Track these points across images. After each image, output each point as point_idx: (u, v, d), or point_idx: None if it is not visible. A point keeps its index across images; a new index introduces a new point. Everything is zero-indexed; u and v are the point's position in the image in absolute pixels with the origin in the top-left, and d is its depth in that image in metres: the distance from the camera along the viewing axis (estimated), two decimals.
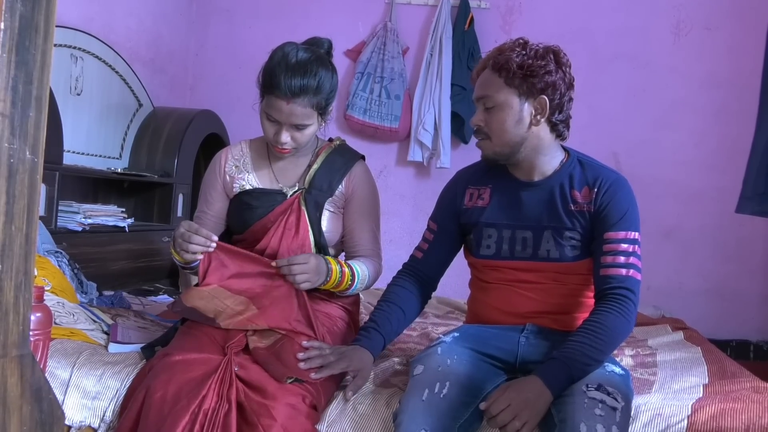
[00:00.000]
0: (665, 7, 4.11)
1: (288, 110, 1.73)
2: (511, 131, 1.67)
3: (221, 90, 4.49)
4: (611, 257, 1.60)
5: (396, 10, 4.32)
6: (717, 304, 4.01)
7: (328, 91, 1.79)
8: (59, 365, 1.70)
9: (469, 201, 1.80)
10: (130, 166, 3.69)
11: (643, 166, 4.06)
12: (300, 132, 1.78)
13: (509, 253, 1.72)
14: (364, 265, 1.87)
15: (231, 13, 4.55)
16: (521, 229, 1.72)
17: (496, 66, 1.67)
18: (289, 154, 1.84)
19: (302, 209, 1.85)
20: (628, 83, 4.14)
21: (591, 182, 1.69)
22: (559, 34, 4.16)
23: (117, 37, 3.65)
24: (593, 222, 1.66)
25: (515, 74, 1.64)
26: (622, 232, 1.63)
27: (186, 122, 3.78)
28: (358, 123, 4.22)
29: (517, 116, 1.66)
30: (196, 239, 1.69)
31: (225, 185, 1.91)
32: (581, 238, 1.68)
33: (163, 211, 3.70)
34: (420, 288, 1.83)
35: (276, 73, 1.73)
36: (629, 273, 1.58)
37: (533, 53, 1.66)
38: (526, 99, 1.66)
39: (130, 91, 3.73)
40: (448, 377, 1.52)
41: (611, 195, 1.66)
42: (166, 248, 3.59)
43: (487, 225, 1.75)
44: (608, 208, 1.65)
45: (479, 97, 1.71)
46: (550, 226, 1.69)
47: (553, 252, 1.68)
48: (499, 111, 1.67)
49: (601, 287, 1.60)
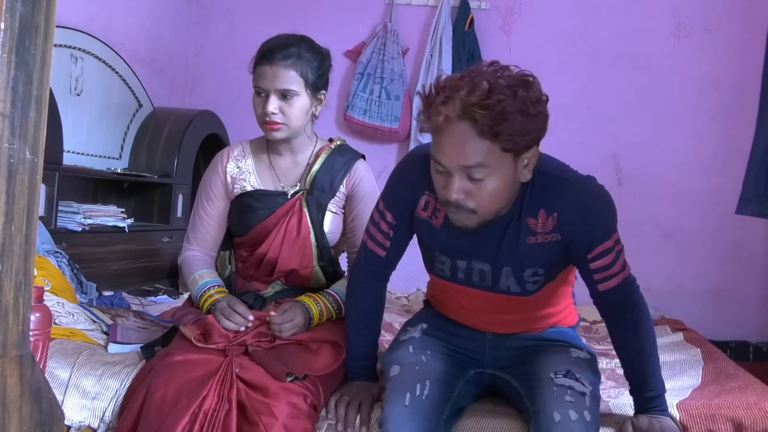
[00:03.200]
0: (665, 8, 4.12)
1: (271, 74, 1.75)
2: (506, 194, 1.41)
3: (221, 91, 4.49)
4: (604, 273, 1.50)
5: (396, 11, 4.32)
6: (716, 305, 4.01)
7: (315, 64, 1.80)
8: (59, 365, 1.70)
9: (424, 210, 1.57)
10: (129, 167, 3.69)
11: (643, 167, 4.07)
12: (287, 103, 1.77)
13: (466, 281, 1.58)
14: None
15: (231, 13, 4.55)
16: (478, 260, 1.53)
17: (489, 133, 1.32)
18: (280, 132, 1.79)
19: (304, 211, 1.85)
20: (628, 84, 4.14)
21: (546, 205, 1.46)
22: (559, 35, 4.19)
23: (117, 37, 3.65)
24: (566, 249, 1.50)
25: (509, 139, 1.33)
26: (600, 246, 1.47)
27: (186, 123, 3.78)
28: (358, 123, 4.22)
29: (512, 176, 1.39)
30: (235, 318, 1.68)
31: (226, 185, 1.90)
32: (545, 271, 1.52)
33: (162, 211, 3.69)
34: (384, 284, 1.74)
35: (263, 47, 1.80)
36: (624, 275, 1.52)
37: (521, 105, 1.33)
38: (521, 155, 1.38)
39: (130, 92, 3.73)
40: (427, 375, 1.51)
41: (575, 217, 1.45)
42: (165, 248, 3.59)
43: (441, 251, 1.58)
44: (579, 234, 1.46)
45: (467, 167, 1.35)
46: (508, 264, 1.51)
47: (514, 287, 1.54)
48: (493, 180, 1.37)
49: (606, 301, 1.54)
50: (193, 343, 1.63)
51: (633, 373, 1.55)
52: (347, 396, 1.62)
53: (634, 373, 1.55)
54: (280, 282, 1.88)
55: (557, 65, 4.13)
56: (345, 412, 1.58)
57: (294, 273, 1.85)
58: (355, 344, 1.71)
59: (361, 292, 1.72)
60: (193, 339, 1.63)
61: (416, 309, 2.92)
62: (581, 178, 1.51)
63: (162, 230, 3.62)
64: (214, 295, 1.78)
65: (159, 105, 3.98)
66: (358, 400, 1.60)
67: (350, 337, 1.72)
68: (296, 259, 1.84)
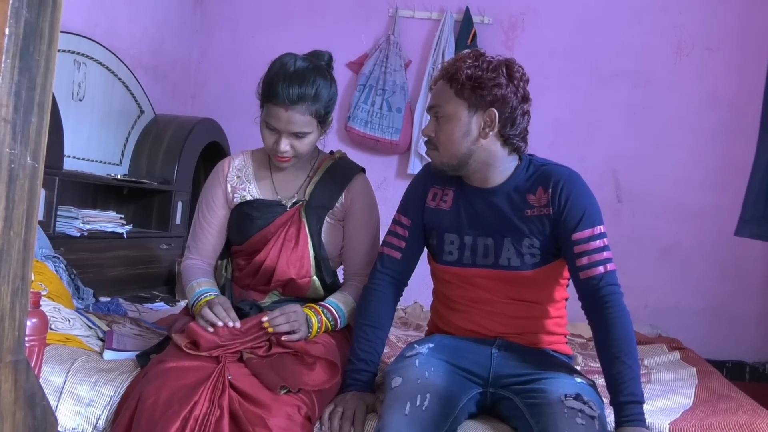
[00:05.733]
0: (667, 26, 4.14)
1: (286, 118, 1.74)
2: (458, 143, 1.65)
3: (223, 99, 4.50)
4: (586, 258, 1.61)
5: (399, 24, 4.34)
6: (713, 324, 4.01)
7: (327, 99, 1.79)
8: (53, 371, 1.69)
9: (432, 201, 1.78)
10: (129, 173, 3.69)
11: (642, 184, 4.08)
12: (299, 140, 1.78)
13: (471, 260, 1.71)
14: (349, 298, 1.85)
15: (234, 22, 4.56)
16: (483, 236, 1.71)
17: (448, 76, 1.67)
18: (289, 163, 1.83)
19: (303, 221, 1.85)
20: (629, 101, 4.16)
21: (544, 183, 1.67)
22: (561, 50, 4.21)
23: (120, 43, 3.66)
24: (555, 225, 1.65)
25: (464, 85, 1.63)
26: (588, 230, 1.62)
27: (187, 130, 3.78)
28: (358, 135, 4.23)
29: (464, 128, 1.65)
30: (218, 311, 1.68)
31: (227, 195, 1.91)
32: (540, 244, 1.67)
33: (161, 218, 3.69)
34: (397, 293, 1.83)
35: (274, 82, 1.75)
36: (607, 268, 1.60)
37: (485, 65, 1.64)
38: (475, 111, 1.64)
39: (132, 98, 3.74)
40: (428, 389, 1.52)
41: (567, 193, 1.64)
42: (163, 255, 3.59)
43: (450, 230, 1.74)
44: (567, 208, 1.63)
45: (431, 106, 1.71)
46: (509, 234, 1.68)
47: (514, 260, 1.68)
48: (447, 122, 1.66)
49: (587, 290, 1.61)
50: (185, 351, 1.63)
51: (609, 378, 1.55)
52: (341, 407, 1.61)
53: (611, 378, 1.54)
54: (277, 291, 1.88)
55: (559, 80, 4.16)
56: (339, 424, 1.57)
57: (291, 282, 1.85)
58: (358, 350, 1.72)
59: (373, 296, 1.77)
60: (183, 347, 1.63)
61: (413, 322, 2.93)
62: (573, 170, 1.73)
63: (160, 237, 3.62)
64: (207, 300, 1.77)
65: (161, 112, 3.99)
66: (352, 411, 1.60)
67: (354, 342, 1.73)
68: (294, 268, 1.84)
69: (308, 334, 1.73)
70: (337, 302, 1.83)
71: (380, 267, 1.81)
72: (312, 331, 1.75)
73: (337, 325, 1.81)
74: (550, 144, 3.89)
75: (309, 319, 1.75)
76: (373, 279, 1.80)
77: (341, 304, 1.83)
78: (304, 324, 1.72)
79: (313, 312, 1.77)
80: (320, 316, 1.77)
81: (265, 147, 1.83)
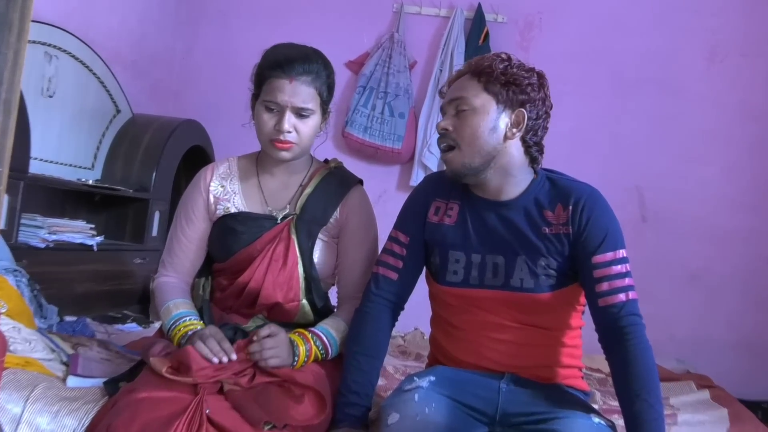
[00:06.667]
0: (699, 30, 4.15)
1: (291, 90, 1.77)
2: (483, 139, 1.66)
3: (209, 98, 4.51)
4: (607, 284, 1.62)
5: (404, 20, 4.36)
6: (747, 359, 3.98)
7: (329, 81, 1.85)
8: (11, 399, 1.67)
9: (435, 215, 1.79)
10: (102, 178, 3.69)
11: (669, 202, 4.08)
12: (303, 122, 1.80)
13: (478, 281, 1.71)
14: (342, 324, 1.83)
15: (224, 14, 4.58)
16: (493, 253, 1.71)
17: (477, 70, 1.69)
18: (290, 153, 1.82)
19: (292, 238, 1.85)
20: (655, 110, 4.16)
21: (563, 200, 1.69)
22: (582, 53, 4.22)
23: (97, 35, 3.67)
24: (574, 246, 1.66)
25: (497, 79, 1.66)
26: (609, 253, 1.63)
27: (167, 132, 3.78)
28: (357, 142, 4.23)
29: (492, 124, 1.66)
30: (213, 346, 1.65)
31: (208, 206, 1.90)
32: (557, 266, 1.67)
33: (136, 229, 3.68)
34: (393, 318, 1.82)
35: (277, 57, 1.80)
36: (629, 296, 1.61)
37: (518, 64, 1.70)
38: (504, 108, 1.67)
39: (108, 96, 3.74)
40: (428, 427, 1.52)
41: (589, 212, 1.66)
42: (137, 271, 3.57)
43: (455, 248, 1.74)
44: (589, 229, 1.65)
45: (452, 99, 1.71)
46: (523, 251, 1.68)
47: (527, 281, 1.68)
48: (473, 115, 1.67)
49: (605, 320, 1.62)
50: (160, 380, 1.60)
51: (629, 418, 1.54)
52: None
53: (631, 418, 1.53)
54: (262, 316, 1.87)
55: (578, 86, 4.16)
56: None
57: (278, 307, 1.84)
58: (350, 381, 1.70)
59: (367, 321, 1.76)
60: (163, 372, 1.61)
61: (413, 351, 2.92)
62: (595, 188, 1.74)
63: (134, 250, 3.60)
64: (189, 326, 1.76)
65: (139, 111, 3.99)
66: None
67: (346, 372, 1.72)
68: (281, 291, 1.83)
69: (293, 362, 1.72)
70: (329, 328, 1.81)
71: (374, 289, 1.80)
72: (299, 359, 1.73)
73: (328, 353, 1.80)
74: (567, 157, 3.88)
75: (296, 346, 1.73)
76: (366, 302, 1.80)
77: (333, 331, 1.81)
78: (286, 350, 1.70)
79: (301, 339, 1.76)
80: (309, 343, 1.76)
81: (263, 135, 1.82)
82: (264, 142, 1.83)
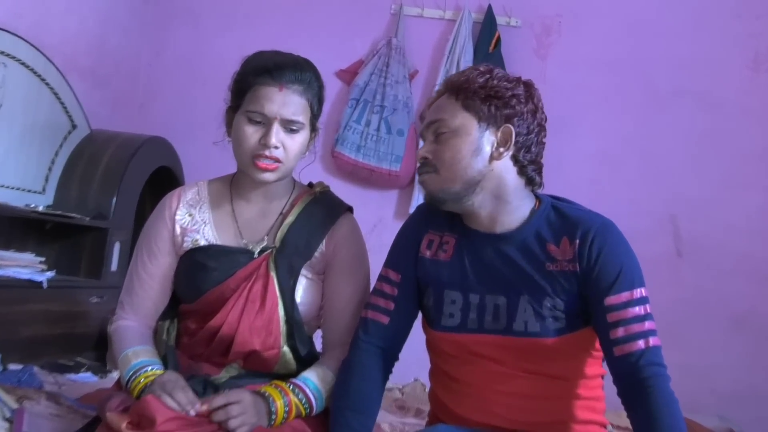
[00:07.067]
0: (741, 35, 4.18)
1: (281, 99, 1.78)
2: (465, 162, 1.68)
3: (178, 112, 4.53)
4: (623, 329, 1.60)
5: (404, 24, 4.39)
6: None
7: (319, 94, 1.88)
8: None
9: (428, 249, 1.80)
10: (55, 204, 3.69)
11: (709, 234, 4.07)
12: (291, 137, 1.81)
13: (477, 324, 1.71)
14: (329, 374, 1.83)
15: (197, 16, 4.62)
16: (492, 293, 1.71)
17: (454, 87, 1.72)
18: (274, 174, 1.82)
19: (271, 275, 1.84)
20: (692, 127, 4.17)
21: (570, 232, 1.68)
22: (607, 61, 4.24)
23: (51, 39, 3.69)
24: (584, 286, 1.66)
25: (476, 94, 1.69)
26: (625, 293, 1.62)
27: (131, 151, 3.79)
28: (348, 163, 4.24)
29: (474, 144, 1.68)
30: (179, 397, 1.64)
31: (174, 238, 1.90)
32: (566, 307, 1.67)
33: (93, 263, 3.67)
34: (386, 368, 1.81)
35: (263, 63, 1.82)
36: (649, 343, 1.59)
37: (500, 75, 1.72)
38: (487, 126, 1.69)
39: (62, 109, 3.76)
40: None
41: (599, 247, 1.65)
42: (93, 312, 3.56)
43: (451, 287, 1.74)
44: (600, 266, 1.64)
45: (430, 123, 1.74)
46: (526, 291, 1.68)
47: (532, 325, 1.67)
48: (453, 137, 1.69)
49: (622, 370, 1.61)
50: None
51: None
52: None
53: None
54: (236, 365, 1.86)
55: (604, 100, 4.19)
56: None
57: (255, 355, 1.83)
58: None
59: (355, 372, 1.76)
60: (123, 428, 1.60)
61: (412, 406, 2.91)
62: (607, 218, 1.72)
63: (91, 287, 3.59)
64: (150, 377, 1.75)
65: (98, 127, 4.01)
66: None
67: (332, 430, 1.71)
68: (259, 336, 1.82)
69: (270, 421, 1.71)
70: (313, 379, 1.81)
71: (363, 335, 1.80)
72: (276, 417, 1.72)
73: (312, 409, 1.79)
74: (591, 181, 3.91)
75: (271, 401, 1.72)
76: (354, 350, 1.79)
77: (318, 382, 1.81)
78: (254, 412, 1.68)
79: (277, 391, 1.75)
80: (288, 396, 1.75)
81: (245, 152, 1.82)
82: (244, 160, 1.83)
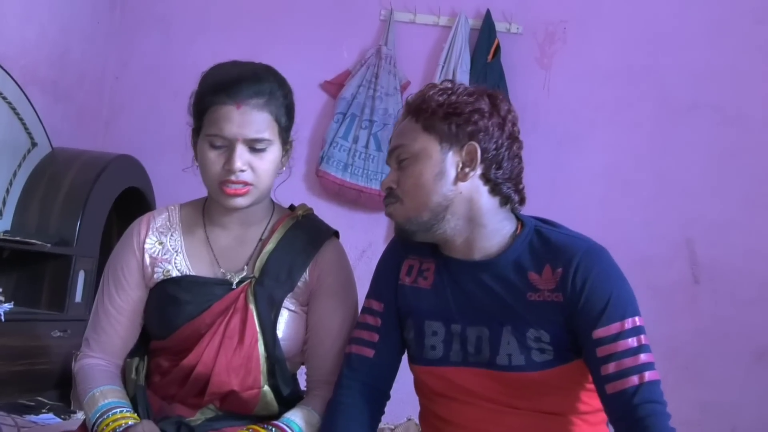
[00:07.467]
0: (764, 43, 4.19)
1: (240, 118, 1.77)
2: (429, 188, 1.70)
3: (148, 127, 4.53)
4: (614, 364, 1.58)
5: (394, 31, 4.40)
6: None
7: (286, 102, 1.87)
8: None
9: (407, 276, 1.82)
10: (13, 229, 3.69)
11: (729, 260, 4.06)
12: (258, 157, 1.80)
13: (461, 357, 1.72)
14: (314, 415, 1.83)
15: (168, 23, 4.62)
16: (474, 325, 1.71)
17: (413, 108, 1.75)
18: (245, 199, 1.82)
19: (250, 308, 1.84)
20: (711, 143, 4.18)
21: (553, 259, 1.68)
22: (618, 71, 4.25)
23: (8, 49, 3.70)
24: (570, 317, 1.65)
25: (434, 114, 1.70)
26: (615, 325, 1.60)
27: (96, 170, 3.80)
28: (335, 183, 4.24)
29: (437, 168, 1.70)
30: None
31: (143, 268, 1.91)
32: (552, 338, 1.66)
33: (55, 293, 3.67)
34: (374, 407, 1.81)
35: (217, 79, 1.82)
36: (644, 378, 1.56)
37: (461, 89, 1.74)
38: (450, 146, 1.71)
39: (21, 125, 3.75)
40: None
41: (584, 275, 1.64)
42: (56, 346, 3.55)
43: (432, 316, 1.76)
44: (586, 296, 1.63)
45: (392, 150, 1.77)
46: (508, 322, 1.68)
47: (516, 357, 1.67)
48: (414, 163, 1.71)
49: (617, 410, 1.59)
50: None
51: None
52: None
53: None
54: (213, 407, 1.86)
55: (613, 113, 4.20)
56: None
57: (233, 395, 1.83)
58: None
59: (340, 412, 1.75)
60: None
61: None
62: (596, 243, 1.73)
63: (53, 321, 3.58)
64: (119, 420, 1.76)
65: (60, 145, 4.01)
66: None
67: None
68: (237, 376, 1.82)
69: None
70: (297, 421, 1.81)
71: (348, 372, 1.81)
72: None
73: None
74: (600, 201, 3.91)
75: None
76: (339, 389, 1.79)
77: (303, 425, 1.81)
78: None
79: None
80: None
81: (211, 179, 1.83)
82: (212, 188, 1.84)
